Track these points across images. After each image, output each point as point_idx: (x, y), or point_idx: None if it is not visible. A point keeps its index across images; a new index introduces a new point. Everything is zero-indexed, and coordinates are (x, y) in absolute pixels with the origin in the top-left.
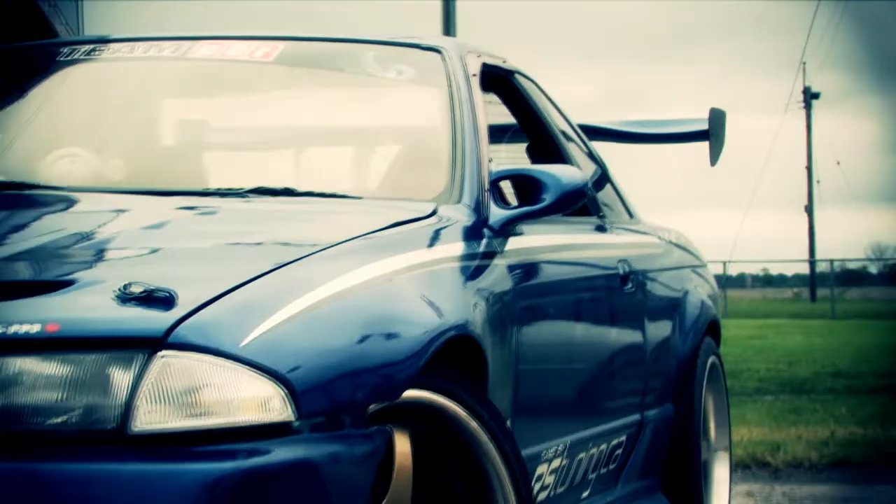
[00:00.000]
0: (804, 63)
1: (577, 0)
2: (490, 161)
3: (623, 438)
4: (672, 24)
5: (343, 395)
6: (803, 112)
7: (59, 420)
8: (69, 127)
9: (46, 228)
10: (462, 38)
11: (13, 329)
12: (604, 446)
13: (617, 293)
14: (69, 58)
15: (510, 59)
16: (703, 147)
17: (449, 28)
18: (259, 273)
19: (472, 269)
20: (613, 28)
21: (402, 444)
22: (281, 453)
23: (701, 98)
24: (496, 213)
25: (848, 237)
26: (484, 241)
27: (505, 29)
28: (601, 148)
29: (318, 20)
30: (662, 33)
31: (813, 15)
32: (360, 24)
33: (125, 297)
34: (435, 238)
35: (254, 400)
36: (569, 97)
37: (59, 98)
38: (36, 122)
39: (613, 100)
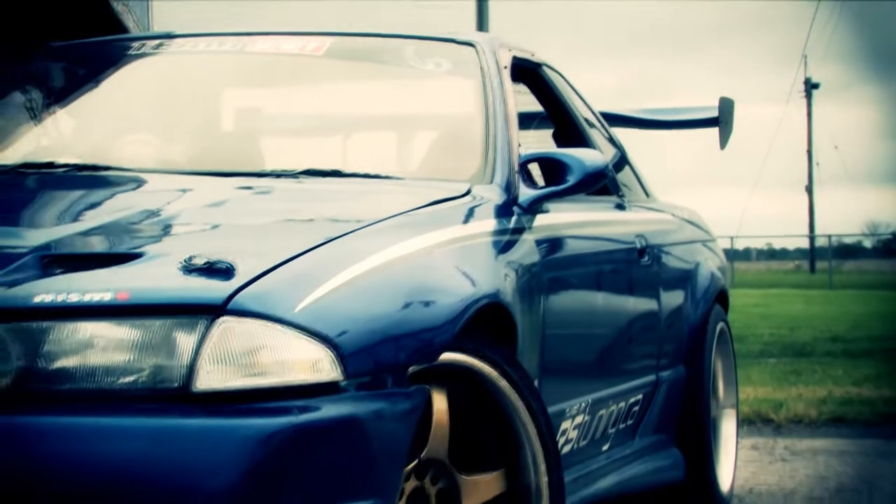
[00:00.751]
0: (805, 56)
1: (599, 0)
2: (519, 145)
3: (640, 397)
4: (685, 21)
5: (386, 357)
6: (804, 101)
7: (128, 380)
8: (139, 114)
9: (118, 206)
10: (494, 33)
11: (88, 296)
12: (622, 404)
13: (634, 265)
14: (139, 52)
15: (538, 52)
16: (714, 133)
17: (482, 26)
18: (310, 246)
19: (503, 243)
20: (631, 26)
21: (440, 403)
22: (329, 410)
23: (711, 88)
24: (525, 193)
25: (845, 215)
26: (514, 218)
27: (534, 26)
28: (621, 133)
29: (363, 20)
30: (676, 30)
31: (814, 12)
32: (400, 22)
33: (189, 269)
34: (469, 215)
35: (305, 361)
36: (591, 88)
37: (129, 88)
38: (109, 110)
39: (632, 90)
